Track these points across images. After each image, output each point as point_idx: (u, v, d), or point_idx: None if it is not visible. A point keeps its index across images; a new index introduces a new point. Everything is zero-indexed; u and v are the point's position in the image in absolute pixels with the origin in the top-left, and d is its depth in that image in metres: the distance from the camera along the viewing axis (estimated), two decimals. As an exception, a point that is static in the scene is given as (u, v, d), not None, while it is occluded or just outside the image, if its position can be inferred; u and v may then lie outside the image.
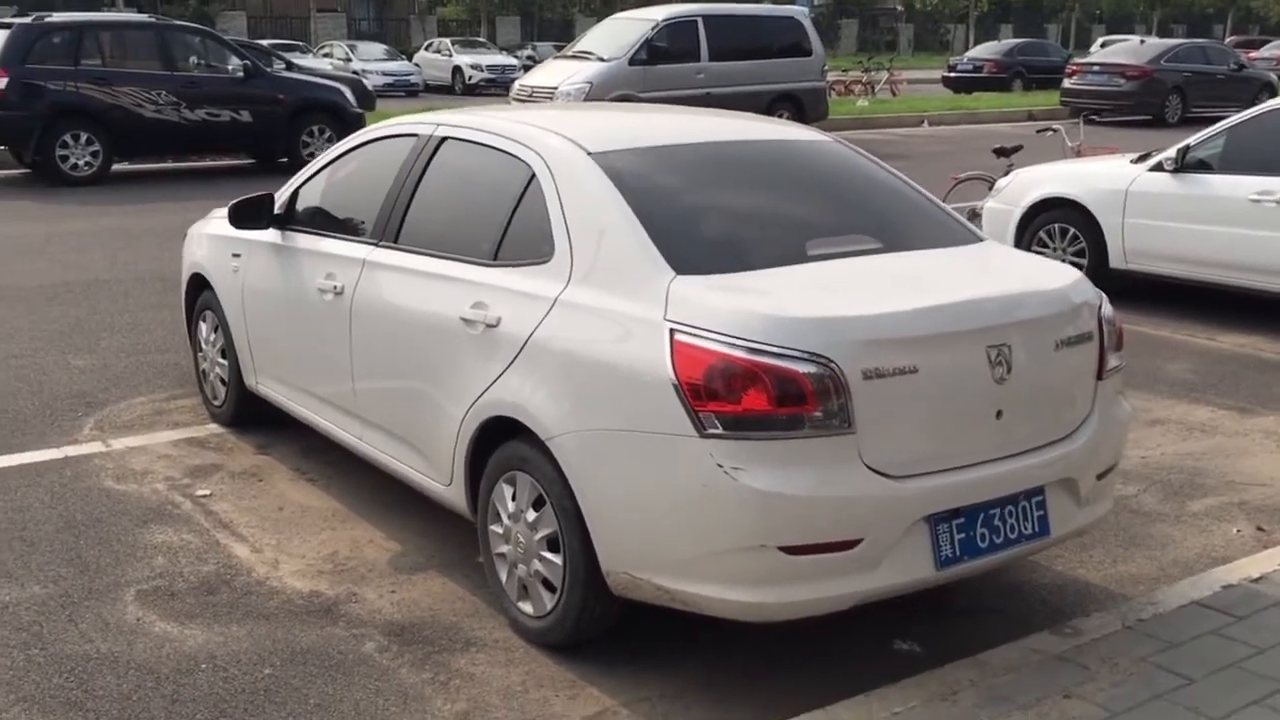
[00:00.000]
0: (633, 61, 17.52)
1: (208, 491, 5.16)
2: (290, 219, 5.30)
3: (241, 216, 5.26)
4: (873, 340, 3.38)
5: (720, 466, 3.31)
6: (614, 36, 18.15)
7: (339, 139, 7.45)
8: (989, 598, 4.31)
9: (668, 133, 4.57)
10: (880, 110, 26.16)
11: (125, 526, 4.79)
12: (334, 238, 4.97)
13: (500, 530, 4.01)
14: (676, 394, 3.37)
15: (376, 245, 4.67)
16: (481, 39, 38.58)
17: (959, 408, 3.53)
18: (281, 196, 5.39)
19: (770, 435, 3.31)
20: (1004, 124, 24.28)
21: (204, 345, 6.06)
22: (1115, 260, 8.77)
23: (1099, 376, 3.89)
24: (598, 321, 3.68)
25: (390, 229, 4.65)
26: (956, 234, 4.31)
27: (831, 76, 32.78)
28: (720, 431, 3.32)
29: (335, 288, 4.78)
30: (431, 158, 4.64)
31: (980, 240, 4.33)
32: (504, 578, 4.04)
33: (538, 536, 3.84)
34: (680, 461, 3.38)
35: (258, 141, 15.18)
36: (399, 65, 34.08)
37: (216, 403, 6.00)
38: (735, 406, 3.30)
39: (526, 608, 3.94)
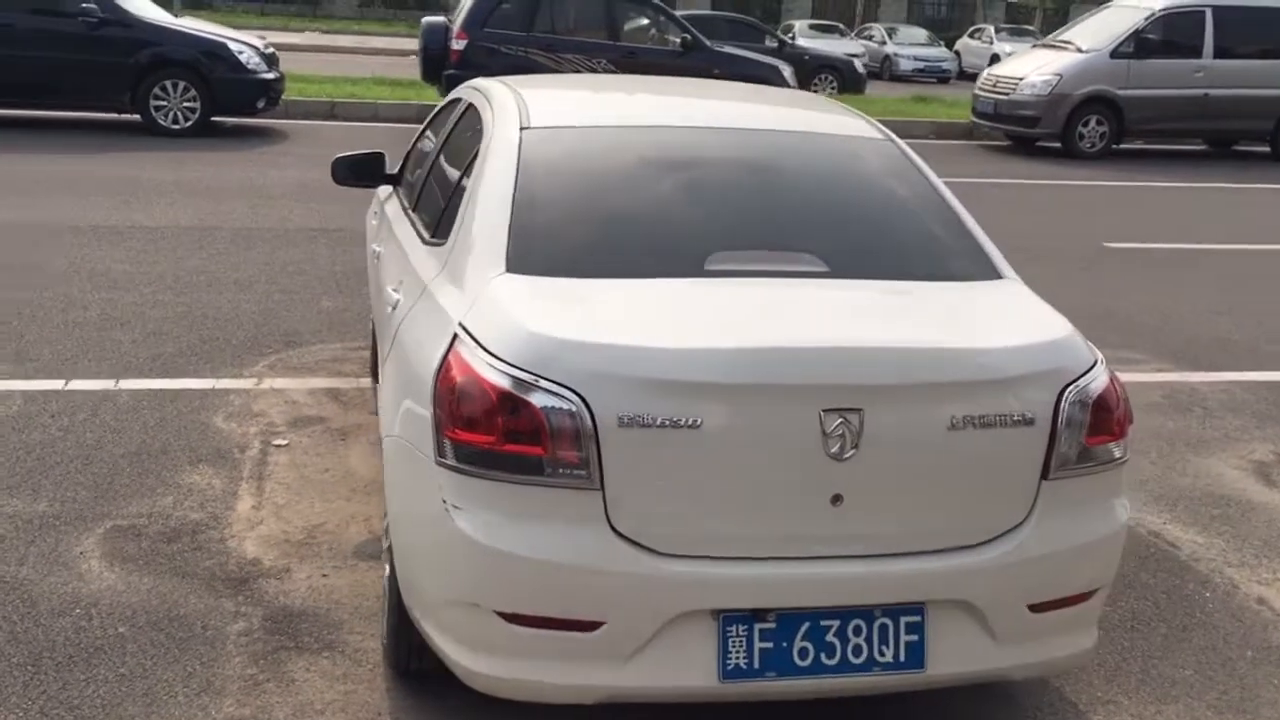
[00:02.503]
0: (1115, 54, 15.75)
1: (285, 442, 5.18)
2: (399, 179, 5.16)
3: (343, 172, 5.14)
4: (639, 379, 2.66)
5: (444, 502, 2.77)
6: (1102, 25, 16.44)
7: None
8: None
9: (643, 112, 3.93)
10: None
11: (178, 463, 4.91)
12: (400, 200, 4.78)
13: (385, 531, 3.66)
14: (432, 410, 2.86)
15: (405, 211, 4.44)
16: (1032, 27, 36.61)
17: (766, 482, 2.70)
18: (402, 157, 5.27)
19: (496, 476, 2.72)
20: None
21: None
22: None
23: (1044, 475, 2.85)
24: (431, 315, 3.21)
25: (414, 195, 4.39)
26: (963, 269, 3.34)
27: None
28: (451, 461, 2.77)
29: (377, 252, 4.61)
30: (458, 123, 4.33)
31: (996, 279, 3.33)
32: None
33: (386, 544, 3.45)
34: (423, 488, 2.87)
35: (688, 113, 15.27)
36: (934, 51, 33.36)
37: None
38: (467, 435, 2.74)
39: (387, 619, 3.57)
